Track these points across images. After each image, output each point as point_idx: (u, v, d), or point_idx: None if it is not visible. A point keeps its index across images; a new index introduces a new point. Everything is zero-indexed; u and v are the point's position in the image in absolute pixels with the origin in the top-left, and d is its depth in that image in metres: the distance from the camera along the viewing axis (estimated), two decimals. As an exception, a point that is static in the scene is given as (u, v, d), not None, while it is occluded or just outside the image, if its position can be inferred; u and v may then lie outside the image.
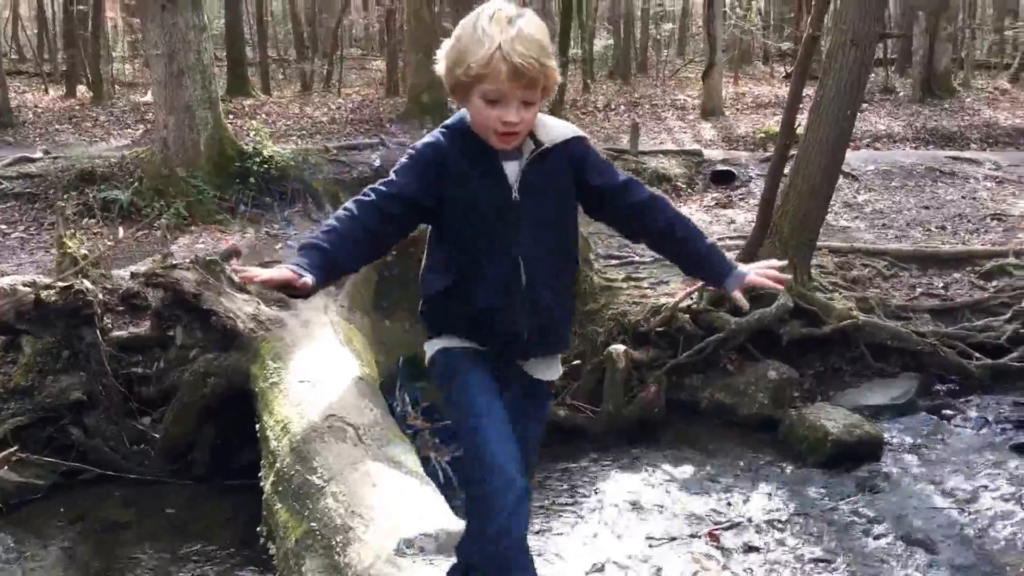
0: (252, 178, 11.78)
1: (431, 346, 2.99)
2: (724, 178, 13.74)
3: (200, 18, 11.79)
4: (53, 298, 6.51)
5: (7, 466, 5.85)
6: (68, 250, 7.25)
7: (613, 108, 21.61)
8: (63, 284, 6.64)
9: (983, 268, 9.16)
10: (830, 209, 9.28)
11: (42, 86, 24.17)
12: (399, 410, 6.01)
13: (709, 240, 2.97)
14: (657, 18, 31.66)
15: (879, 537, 5.55)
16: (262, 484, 4.80)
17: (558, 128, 2.85)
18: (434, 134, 2.84)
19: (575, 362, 7.35)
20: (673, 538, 5.55)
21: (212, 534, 5.64)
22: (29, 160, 12.62)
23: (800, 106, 8.49)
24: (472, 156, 2.77)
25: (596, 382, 7.31)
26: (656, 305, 7.89)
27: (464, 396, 2.91)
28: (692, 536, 5.58)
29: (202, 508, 6.00)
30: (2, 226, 10.84)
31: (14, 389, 6.44)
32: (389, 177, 2.78)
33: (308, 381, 5.41)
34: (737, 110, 21.71)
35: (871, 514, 5.80)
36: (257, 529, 4.72)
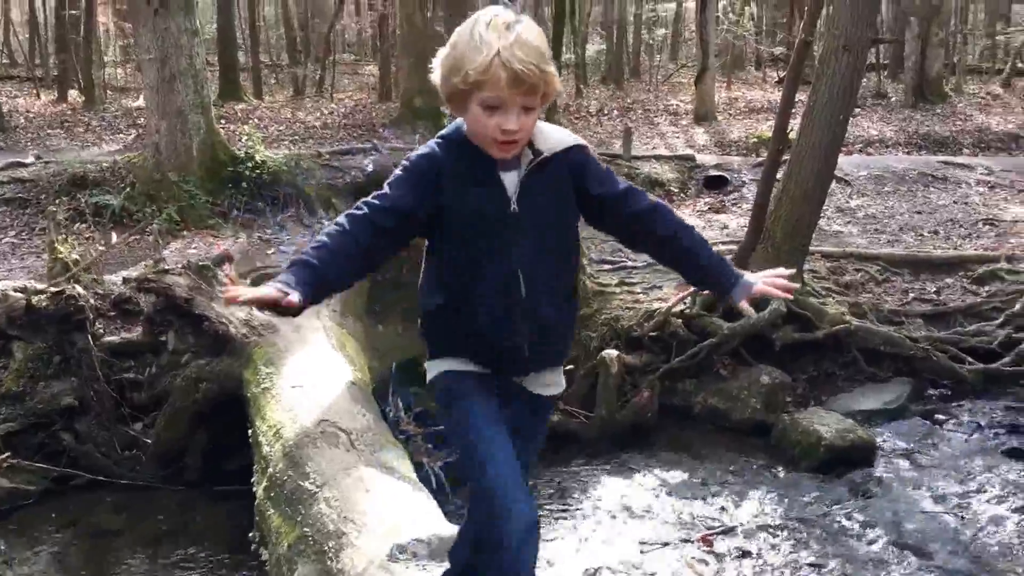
0: (244, 183, 11.76)
1: (431, 367, 2.92)
2: (717, 183, 13.75)
3: (192, 23, 11.76)
4: (44, 303, 6.50)
5: (-2, 472, 5.85)
6: (60, 255, 7.24)
7: (606, 113, 21.62)
8: (55, 289, 6.62)
9: (975, 273, 9.17)
10: (823, 214, 9.30)
11: (34, 91, 24.12)
12: (392, 415, 6.01)
13: (714, 248, 2.90)
14: (650, 23, 31.70)
15: (872, 542, 5.55)
16: (254, 489, 4.80)
17: (557, 136, 2.80)
18: (429, 145, 2.77)
19: (568, 367, 7.34)
20: (666, 543, 5.54)
21: (204, 540, 5.63)
22: (20, 165, 12.57)
23: (793, 111, 8.50)
24: (469, 167, 2.70)
25: (589, 387, 7.31)
26: (649, 310, 7.89)
27: (467, 426, 2.81)
28: (685, 541, 5.57)
29: (194, 514, 5.98)
30: (-7, 231, 10.82)
31: (5, 395, 6.41)
32: (383, 190, 2.71)
33: (301, 386, 5.40)
34: (730, 115, 21.74)
35: (864, 519, 5.80)
36: (249, 535, 4.71)
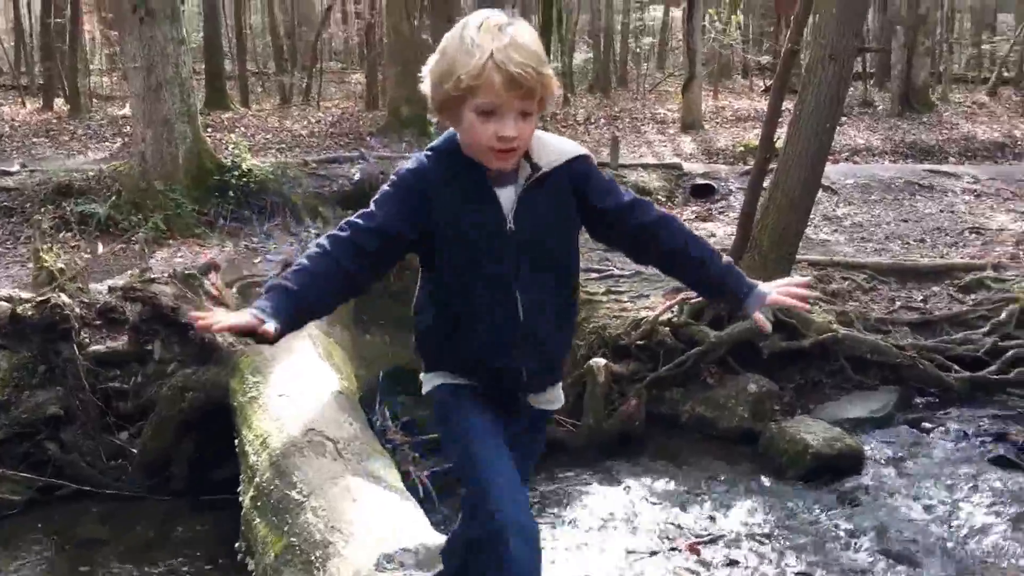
0: (231, 192, 11.75)
1: (427, 380, 2.82)
2: (704, 191, 13.79)
3: (179, 31, 11.76)
4: (29, 312, 6.47)
5: (-18, 482, 5.82)
6: (45, 264, 7.21)
7: (593, 121, 21.65)
8: (40, 298, 6.60)
9: (962, 281, 9.20)
10: (809, 222, 9.31)
11: (19, 99, 24.03)
12: (379, 424, 5.99)
13: (725, 259, 2.76)
14: (637, 32, 31.79)
15: (859, 550, 5.55)
16: (241, 499, 4.77)
17: (557, 147, 2.66)
18: (418, 158, 2.64)
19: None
20: (653, 552, 5.53)
21: (190, 550, 5.60)
22: (6, 173, 12.55)
23: (779, 120, 8.52)
24: (461, 182, 2.57)
25: (576, 396, 7.29)
26: (636, 318, 7.89)
27: (465, 440, 2.71)
28: (672, 550, 5.56)
29: (180, 524, 5.95)
30: (-21, 240, 10.78)
31: (-10, 404, 6.39)
32: (368, 208, 2.59)
33: (287, 395, 5.38)
34: (717, 123, 21.79)
35: (851, 527, 5.79)
36: (236, 545, 4.69)
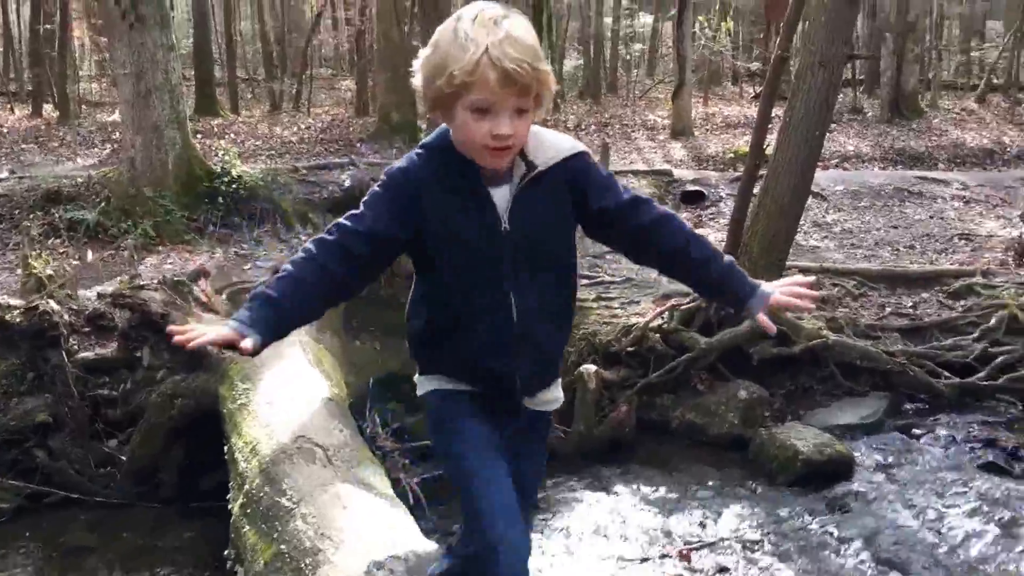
0: (221, 198, 11.74)
1: (421, 383, 2.75)
2: (694, 198, 13.80)
3: (168, 37, 11.74)
4: (18, 319, 6.45)
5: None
6: (34, 271, 7.18)
7: (583, 128, 21.68)
8: (28, 305, 6.57)
9: (951, 288, 9.21)
10: (799, 229, 9.33)
11: (8, 105, 24.01)
12: (369, 431, 5.98)
13: (727, 259, 2.65)
14: (627, 39, 31.84)
15: (849, 556, 5.55)
16: (230, 506, 4.75)
17: (554, 144, 2.56)
18: (409, 157, 2.55)
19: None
20: (644, 559, 5.53)
21: (179, 557, 5.58)
22: (-5, 180, 12.54)
23: (769, 126, 8.53)
24: (454, 182, 2.48)
25: (567, 402, 7.27)
26: (627, 325, 7.89)
27: (459, 452, 2.64)
28: (663, 556, 5.56)
29: (169, 531, 5.93)
30: (-33, 247, 10.75)
31: (-23, 411, 6.36)
32: (358, 209, 2.50)
33: (277, 402, 5.37)
34: (707, 130, 21.83)
35: (842, 533, 5.79)
36: (225, 552, 4.67)
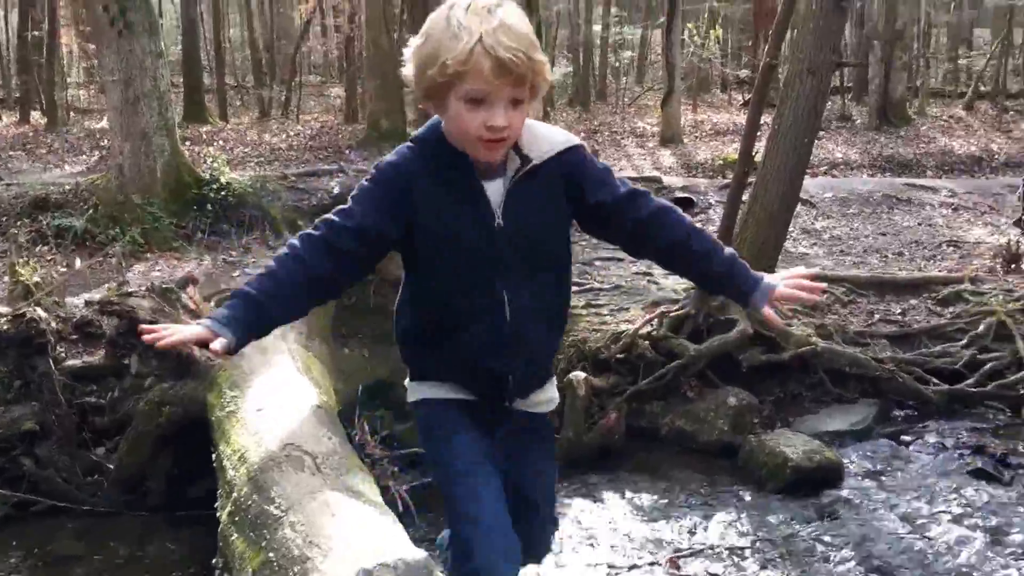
0: (209, 205, 11.72)
1: (411, 390, 2.69)
2: (683, 205, 13.78)
3: (157, 44, 11.73)
4: (5, 327, 6.42)
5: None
6: (21, 278, 7.15)
7: (572, 135, 21.67)
8: (15, 313, 6.54)
9: (940, 294, 9.22)
10: (788, 236, 9.35)
11: (-4, 112, 23.97)
12: (358, 439, 5.96)
13: (728, 251, 2.62)
14: (616, 46, 31.90)
15: (839, 563, 5.54)
16: (218, 514, 4.73)
17: (549, 137, 2.51)
18: (400, 151, 2.48)
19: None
20: (634, 566, 5.51)
21: (166, 566, 5.55)
22: (-18, 187, 12.50)
23: (758, 134, 8.54)
24: (446, 175, 2.41)
25: (556, 410, 7.27)
26: (616, 332, 7.88)
27: (448, 467, 2.60)
28: (653, 564, 5.54)
29: (156, 540, 5.90)
30: (-46, 254, 10.71)
31: (-36, 419, 6.33)
32: (346, 204, 2.44)
33: (265, 409, 5.34)
34: (696, 137, 21.88)
35: (831, 540, 5.79)
36: (213, 561, 4.64)
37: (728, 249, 2.63)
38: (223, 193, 11.82)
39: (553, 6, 31.63)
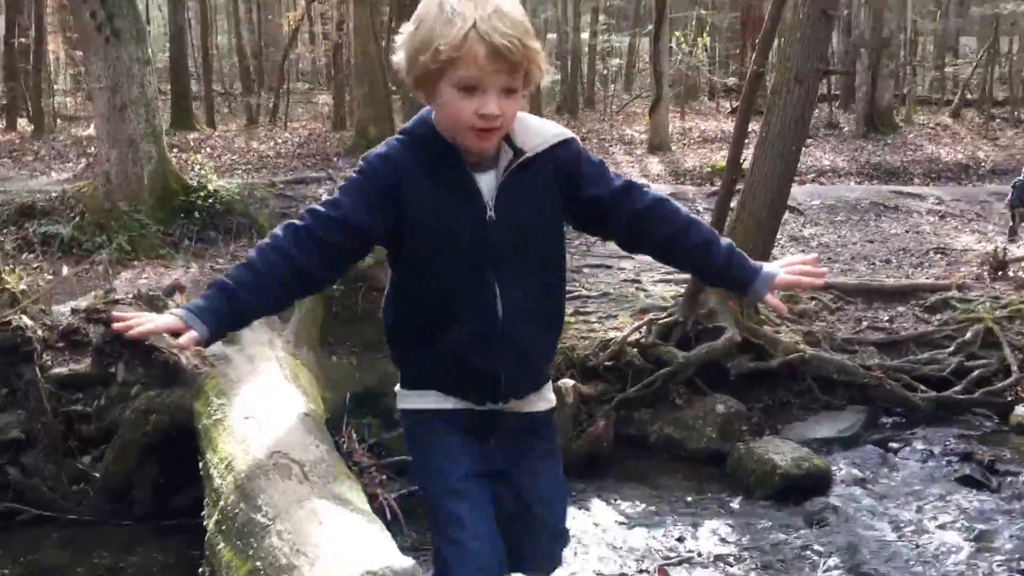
0: (197, 212, 11.70)
1: (400, 397, 2.61)
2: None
3: (144, 51, 11.70)
4: (-10, 334, 6.39)
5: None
6: (7, 286, 7.11)
7: (560, 143, 21.69)
8: (1, 320, 6.51)
9: (927, 302, 9.26)
10: (776, 243, 9.36)
11: (-18, 119, 23.89)
12: (345, 447, 5.94)
13: (725, 241, 2.57)
14: (604, 54, 31.95)
15: (828, 570, 5.54)
16: (205, 523, 4.71)
17: (541, 130, 2.47)
18: (389, 143, 2.43)
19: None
20: (622, 574, 5.50)
21: (153, 575, 5.53)
22: (-32, 194, 12.46)
23: (746, 141, 8.55)
24: (437, 168, 2.36)
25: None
26: (605, 339, 7.88)
27: (434, 485, 2.53)
28: (641, 572, 5.53)
29: (143, 549, 5.86)
30: (-61, 261, 10.66)
31: (-51, 428, 6.29)
32: (333, 196, 2.39)
33: (253, 418, 5.32)
34: (684, 145, 21.94)
35: (820, 547, 5.79)
36: (199, 571, 4.62)
37: (726, 239, 2.57)
38: (210, 200, 11.81)
39: (541, 13, 31.71)
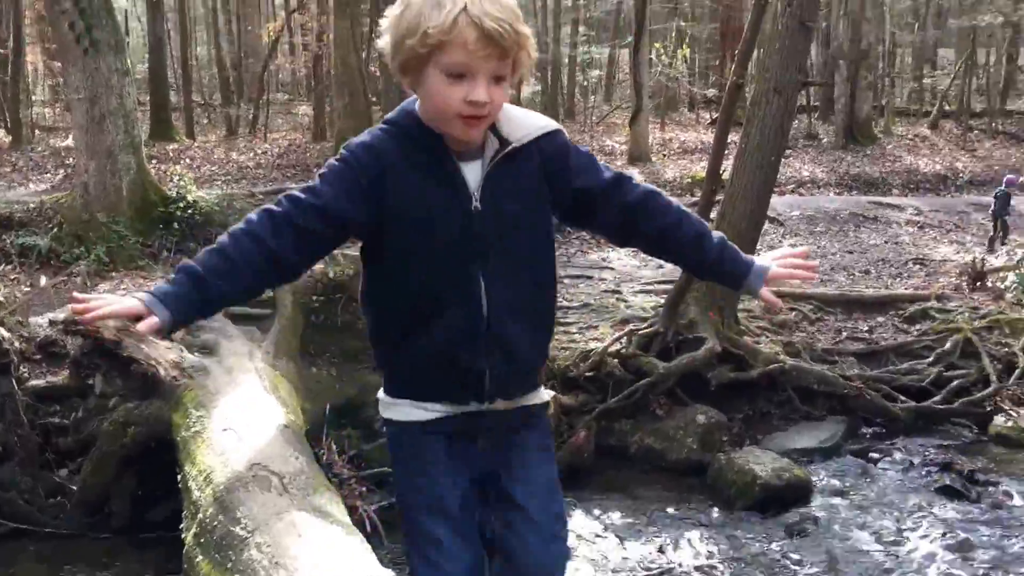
0: (176, 223, 11.65)
1: (382, 404, 2.51)
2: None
3: (123, 62, 11.65)
4: (-33, 346, 6.33)
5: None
6: (-16, 297, 7.08)
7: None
8: (-22, 332, 6.46)
9: (906, 312, 9.30)
10: (756, 253, 9.34)
11: (-40, 130, 23.76)
12: (325, 458, 5.92)
13: (717, 234, 2.47)
14: (584, 65, 32.00)
15: (809, 581, 5.55)
16: (183, 536, 4.68)
17: (527, 121, 2.37)
18: (372, 132, 2.33)
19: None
20: (604, 585, 5.50)
21: (131, 589, 5.50)
22: (-55, 205, 12.37)
23: (725, 152, 8.57)
24: (421, 158, 2.27)
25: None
26: (585, 350, 7.88)
27: (411, 495, 2.46)
28: (623, 583, 5.53)
29: (120, 562, 5.82)
30: (-84, 272, 10.58)
31: (-75, 440, 6.23)
32: (314, 183, 2.28)
33: (232, 429, 5.29)
34: (664, 156, 21.97)
35: (800, 558, 5.79)
36: (178, 583, 4.60)
37: (717, 232, 2.49)
38: (189, 211, 11.76)
39: (521, 25, 31.67)
